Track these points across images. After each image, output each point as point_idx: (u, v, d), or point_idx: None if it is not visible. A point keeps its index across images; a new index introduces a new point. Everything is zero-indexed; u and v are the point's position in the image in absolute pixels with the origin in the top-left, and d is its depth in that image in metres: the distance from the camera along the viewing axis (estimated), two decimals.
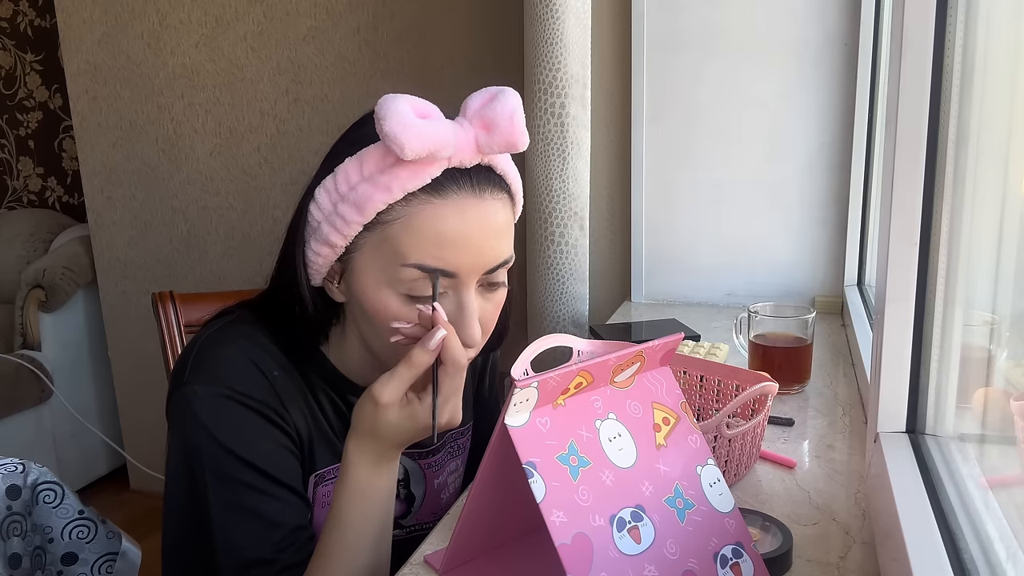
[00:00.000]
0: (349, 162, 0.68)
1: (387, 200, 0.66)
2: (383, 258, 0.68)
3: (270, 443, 0.73)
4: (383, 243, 0.68)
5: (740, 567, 0.59)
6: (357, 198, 0.66)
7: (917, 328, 0.69)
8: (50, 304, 2.43)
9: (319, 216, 0.70)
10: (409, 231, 0.66)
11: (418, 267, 0.67)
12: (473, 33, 1.82)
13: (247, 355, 0.73)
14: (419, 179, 0.65)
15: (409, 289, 0.68)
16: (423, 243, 0.66)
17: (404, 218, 0.67)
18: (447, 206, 0.67)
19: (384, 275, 0.68)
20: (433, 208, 0.66)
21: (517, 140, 0.67)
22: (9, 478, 1.05)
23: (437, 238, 0.66)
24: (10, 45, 2.94)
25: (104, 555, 1.10)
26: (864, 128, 1.46)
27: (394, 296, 0.68)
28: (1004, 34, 0.64)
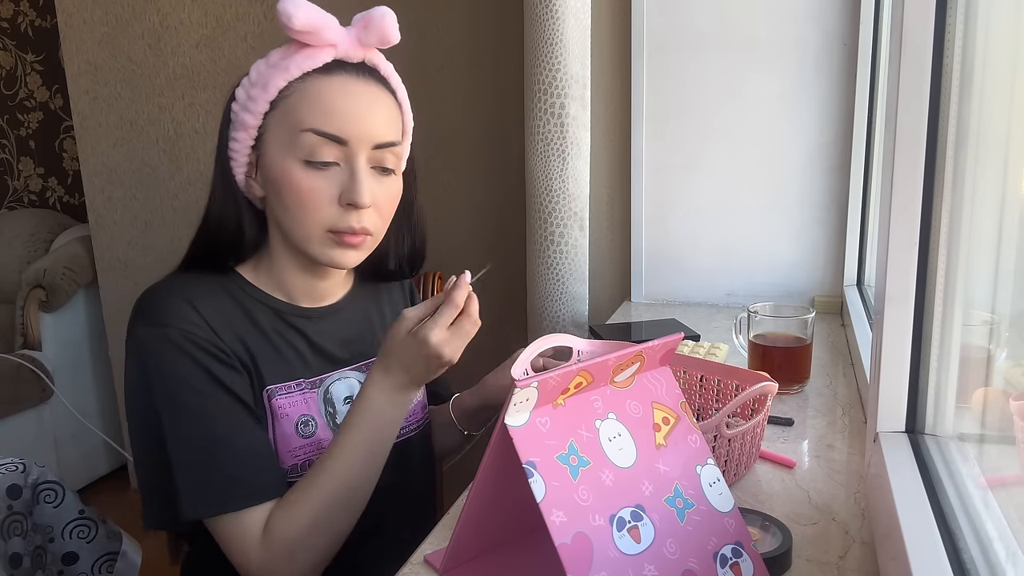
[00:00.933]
0: (258, 62, 0.82)
1: (287, 78, 0.79)
2: (285, 130, 0.80)
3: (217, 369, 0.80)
4: (284, 117, 0.80)
5: (740, 567, 0.59)
6: (263, 80, 0.80)
7: (917, 328, 0.69)
8: (51, 304, 2.43)
9: (236, 108, 0.82)
10: (304, 101, 0.79)
11: (313, 131, 0.78)
12: (473, 33, 1.82)
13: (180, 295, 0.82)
14: (312, 61, 0.79)
15: (308, 154, 0.79)
16: (316, 111, 0.78)
17: (300, 91, 0.79)
18: (334, 82, 0.80)
19: (287, 144, 0.79)
20: (324, 82, 0.79)
21: (387, 34, 0.80)
22: (10, 478, 1.05)
23: (327, 107, 0.79)
24: (11, 45, 2.95)
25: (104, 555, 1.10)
26: (864, 128, 1.46)
27: (296, 163, 0.79)
28: (1004, 34, 0.64)
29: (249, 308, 0.86)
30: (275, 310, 0.88)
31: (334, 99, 0.79)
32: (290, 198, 0.80)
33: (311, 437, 0.86)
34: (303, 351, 0.89)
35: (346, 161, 0.80)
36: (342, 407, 0.90)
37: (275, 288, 0.89)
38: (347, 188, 0.80)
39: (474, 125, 1.86)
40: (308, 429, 0.86)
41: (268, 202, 0.84)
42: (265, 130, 0.81)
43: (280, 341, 0.87)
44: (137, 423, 0.82)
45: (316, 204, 0.80)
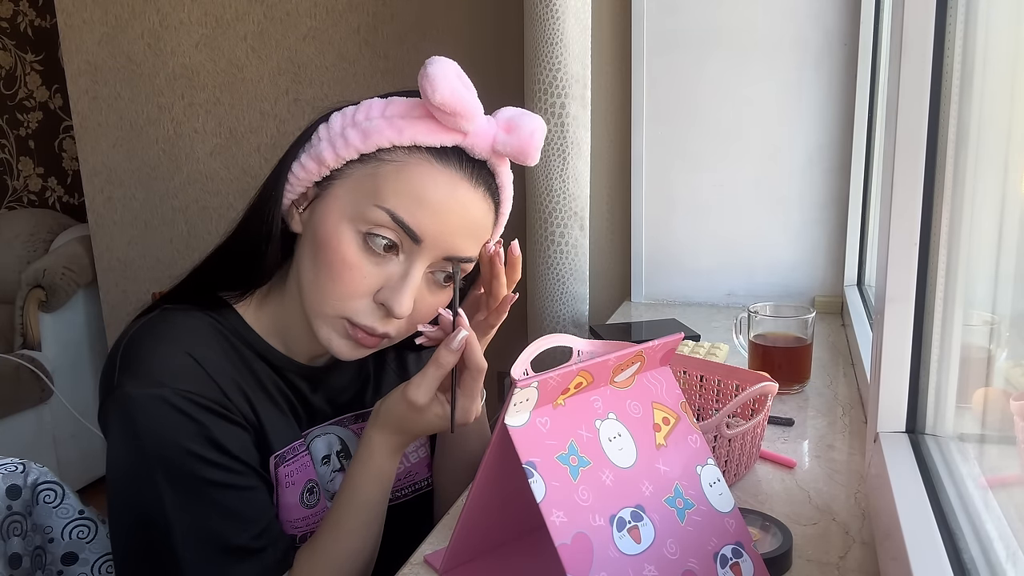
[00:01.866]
0: (376, 100, 0.71)
1: (394, 140, 0.68)
2: (361, 192, 0.69)
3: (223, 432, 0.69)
4: (368, 178, 0.69)
5: (740, 567, 0.59)
6: (368, 128, 0.68)
7: (917, 328, 0.69)
8: (50, 304, 2.43)
9: (324, 135, 0.71)
10: (398, 178, 0.68)
11: (390, 213, 0.67)
12: (473, 33, 1.82)
13: (177, 346, 0.70)
14: (432, 138, 0.68)
15: (369, 229, 0.68)
16: (404, 194, 0.67)
17: (400, 164, 0.68)
18: (442, 174, 0.68)
19: (353, 208, 0.68)
20: (430, 168, 0.68)
21: (529, 151, 0.70)
22: (9, 478, 1.05)
23: (420, 196, 0.68)
24: (10, 45, 2.95)
25: (104, 555, 1.10)
26: (864, 128, 1.46)
27: (351, 232, 0.68)
28: (1004, 34, 0.64)
29: (247, 359, 0.75)
30: (273, 365, 0.78)
31: (432, 192, 0.67)
32: (326, 265, 0.68)
33: (314, 507, 0.78)
34: (297, 409, 0.80)
35: (407, 258, 0.69)
36: (321, 468, 0.81)
37: (275, 336, 0.78)
38: (389, 288, 0.68)
39: None
40: (313, 498, 0.78)
41: (301, 249, 0.73)
42: (340, 176, 0.70)
43: (280, 399, 0.78)
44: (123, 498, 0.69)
45: (350, 287, 0.68)
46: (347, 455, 0.85)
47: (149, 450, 0.66)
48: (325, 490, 0.81)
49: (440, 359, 0.68)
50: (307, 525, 0.77)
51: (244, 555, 0.69)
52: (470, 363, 0.69)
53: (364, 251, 0.68)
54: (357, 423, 0.87)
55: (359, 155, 0.69)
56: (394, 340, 0.73)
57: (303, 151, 0.72)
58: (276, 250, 0.74)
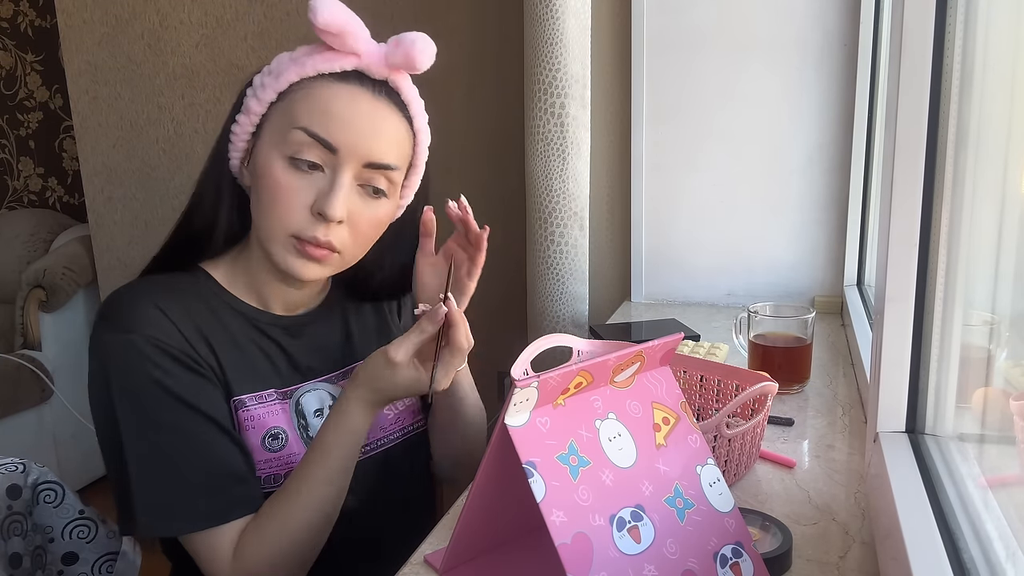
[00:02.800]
0: (283, 54, 0.79)
1: (300, 73, 0.76)
2: (281, 124, 0.77)
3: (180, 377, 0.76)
4: (284, 112, 0.77)
5: (740, 567, 0.59)
6: (278, 71, 0.77)
7: (917, 328, 0.69)
8: (51, 304, 2.44)
9: (249, 92, 0.79)
10: (307, 100, 0.76)
11: (304, 130, 0.75)
12: (473, 33, 1.82)
13: (148, 299, 0.78)
14: (331, 65, 0.76)
15: (294, 152, 0.75)
16: (314, 112, 0.75)
17: (307, 90, 0.76)
18: (343, 89, 0.76)
19: (276, 137, 0.77)
20: (333, 87, 0.76)
21: (416, 56, 0.77)
22: (9, 478, 1.05)
23: (326, 110, 0.75)
24: (11, 45, 2.95)
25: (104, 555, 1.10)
26: (864, 128, 1.46)
27: (280, 159, 0.76)
28: (1004, 34, 0.64)
29: (220, 313, 0.82)
30: (247, 316, 0.84)
31: (336, 104, 0.76)
32: (265, 193, 0.77)
33: (279, 451, 0.82)
34: (276, 360, 0.85)
35: (332, 170, 0.76)
36: (313, 420, 0.86)
37: (248, 292, 0.85)
38: (321, 196, 0.76)
39: (474, 125, 1.86)
40: (277, 443, 0.82)
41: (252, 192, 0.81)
42: (266, 120, 0.79)
43: (252, 349, 0.83)
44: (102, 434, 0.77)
45: (287, 204, 0.76)
46: None
47: (115, 386, 0.75)
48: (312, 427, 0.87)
49: (422, 325, 0.74)
50: (269, 468, 0.82)
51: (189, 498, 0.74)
52: (453, 340, 0.75)
53: (293, 171, 0.76)
54: (344, 380, 0.90)
55: (276, 95, 0.78)
56: (345, 258, 0.80)
57: (238, 115, 0.80)
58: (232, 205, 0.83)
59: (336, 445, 0.77)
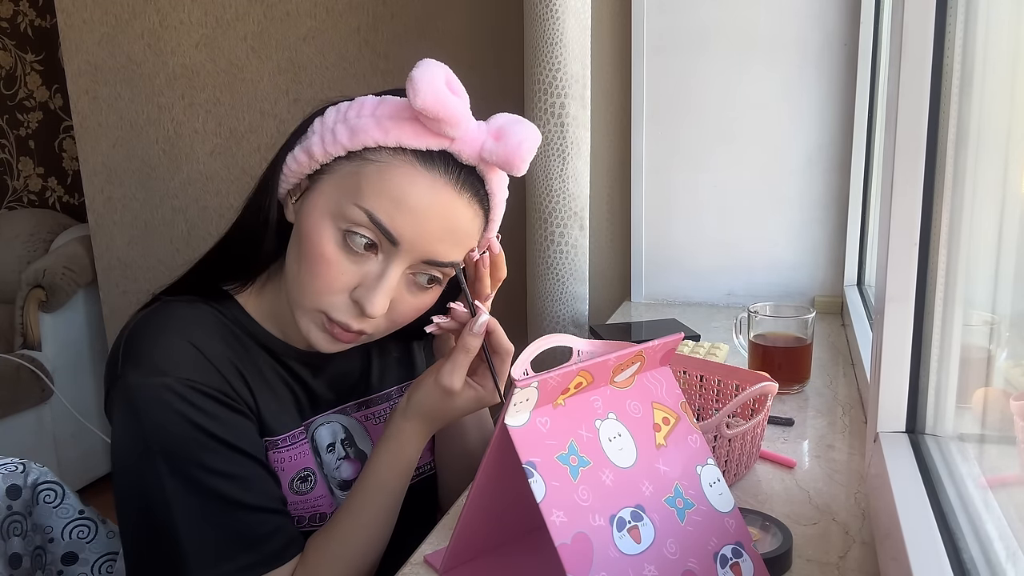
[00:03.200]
0: (370, 98, 0.71)
1: (379, 140, 0.68)
2: (344, 190, 0.69)
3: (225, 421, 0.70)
4: (352, 176, 0.69)
5: (740, 567, 0.59)
6: (356, 125, 0.69)
7: (917, 328, 0.69)
8: (50, 304, 2.43)
9: (317, 128, 0.71)
10: (379, 178, 0.68)
11: (368, 213, 0.67)
12: (473, 33, 1.82)
13: (180, 335, 0.71)
14: (418, 141, 0.68)
15: (348, 226, 0.68)
16: (385, 196, 0.67)
17: (383, 164, 0.68)
18: (425, 178, 0.68)
19: (334, 204, 0.69)
20: (412, 171, 0.68)
21: (516, 161, 0.69)
22: (9, 478, 1.05)
23: (400, 198, 0.67)
24: (10, 45, 2.95)
25: (104, 555, 1.10)
26: (864, 128, 1.46)
27: (331, 228, 0.69)
28: (1004, 34, 0.64)
29: (247, 346, 0.77)
30: (273, 351, 0.79)
31: (412, 196, 0.67)
32: (306, 258, 0.69)
33: (307, 494, 0.79)
34: (299, 396, 0.81)
35: (385, 258, 0.69)
36: (326, 456, 0.82)
37: (273, 323, 0.79)
38: (366, 286, 0.69)
39: None
40: (305, 486, 0.79)
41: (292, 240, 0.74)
42: (328, 171, 0.71)
43: (280, 386, 0.79)
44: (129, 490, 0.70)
45: (327, 282, 0.69)
46: (351, 443, 0.85)
47: (151, 438, 0.67)
48: (331, 478, 0.82)
49: (467, 344, 0.71)
50: (295, 511, 0.78)
51: (247, 542, 0.69)
52: (498, 347, 0.74)
53: (343, 248, 0.69)
54: (360, 411, 0.87)
55: (346, 152, 0.69)
56: (373, 337, 0.74)
57: (298, 143, 0.73)
58: (272, 238, 0.75)
59: (394, 477, 0.76)
